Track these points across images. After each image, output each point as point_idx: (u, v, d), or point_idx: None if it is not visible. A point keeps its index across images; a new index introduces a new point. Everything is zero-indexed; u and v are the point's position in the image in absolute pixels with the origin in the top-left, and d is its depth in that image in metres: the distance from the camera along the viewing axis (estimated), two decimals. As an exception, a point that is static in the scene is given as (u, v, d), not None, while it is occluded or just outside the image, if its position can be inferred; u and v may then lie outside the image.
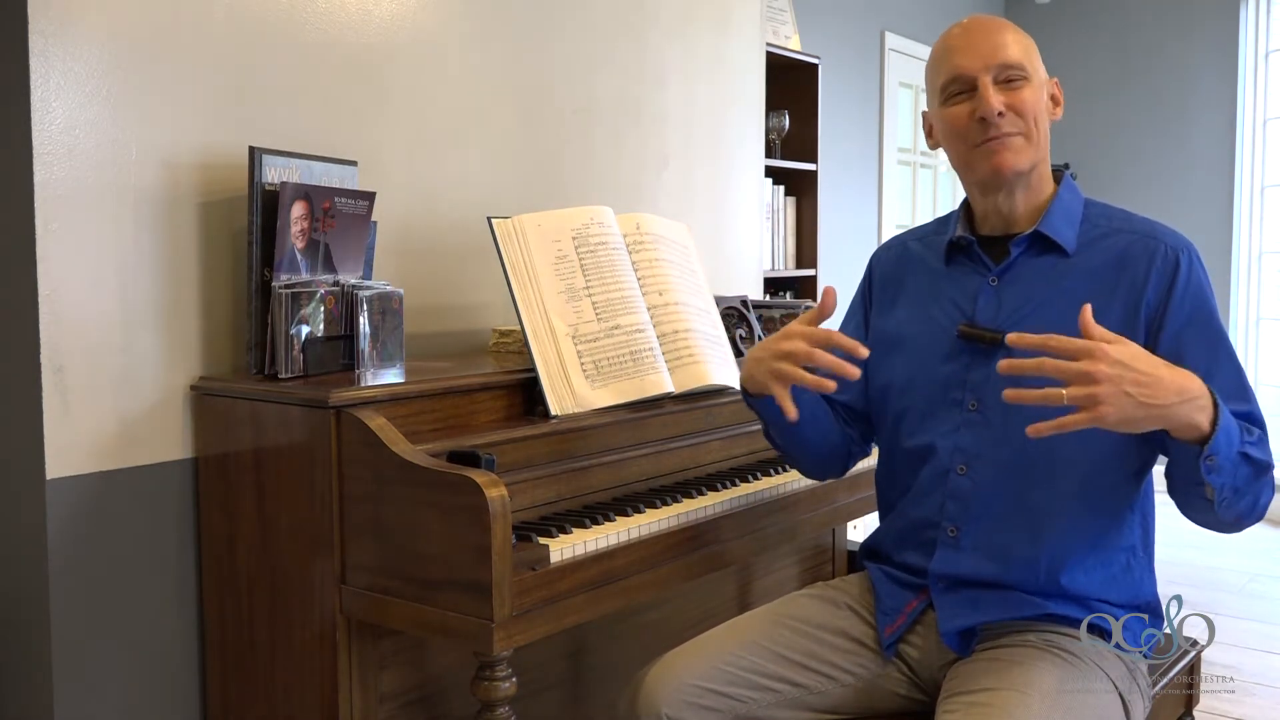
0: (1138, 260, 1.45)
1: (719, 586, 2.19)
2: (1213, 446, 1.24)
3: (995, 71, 1.46)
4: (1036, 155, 1.49)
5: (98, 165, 1.60)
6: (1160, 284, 1.43)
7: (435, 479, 1.41)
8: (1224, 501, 1.31)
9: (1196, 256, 1.46)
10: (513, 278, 1.80)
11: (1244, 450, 1.29)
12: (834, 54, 4.47)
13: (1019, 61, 1.47)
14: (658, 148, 2.58)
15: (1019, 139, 1.47)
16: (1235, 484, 1.30)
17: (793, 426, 1.58)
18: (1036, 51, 1.52)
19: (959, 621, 1.48)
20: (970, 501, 1.50)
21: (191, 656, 1.75)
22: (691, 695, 1.46)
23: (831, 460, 1.69)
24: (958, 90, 1.49)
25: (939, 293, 1.57)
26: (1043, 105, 1.49)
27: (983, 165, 1.48)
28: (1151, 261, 1.44)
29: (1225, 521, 1.36)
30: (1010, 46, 1.48)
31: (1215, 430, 1.24)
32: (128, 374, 1.64)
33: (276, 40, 1.81)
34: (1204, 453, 1.25)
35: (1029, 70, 1.48)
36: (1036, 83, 1.49)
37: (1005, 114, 1.46)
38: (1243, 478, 1.30)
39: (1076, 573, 1.46)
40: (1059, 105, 1.53)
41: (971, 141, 1.48)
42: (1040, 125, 1.49)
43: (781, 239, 3.99)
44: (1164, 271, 1.44)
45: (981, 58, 1.47)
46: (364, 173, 1.89)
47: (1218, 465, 1.26)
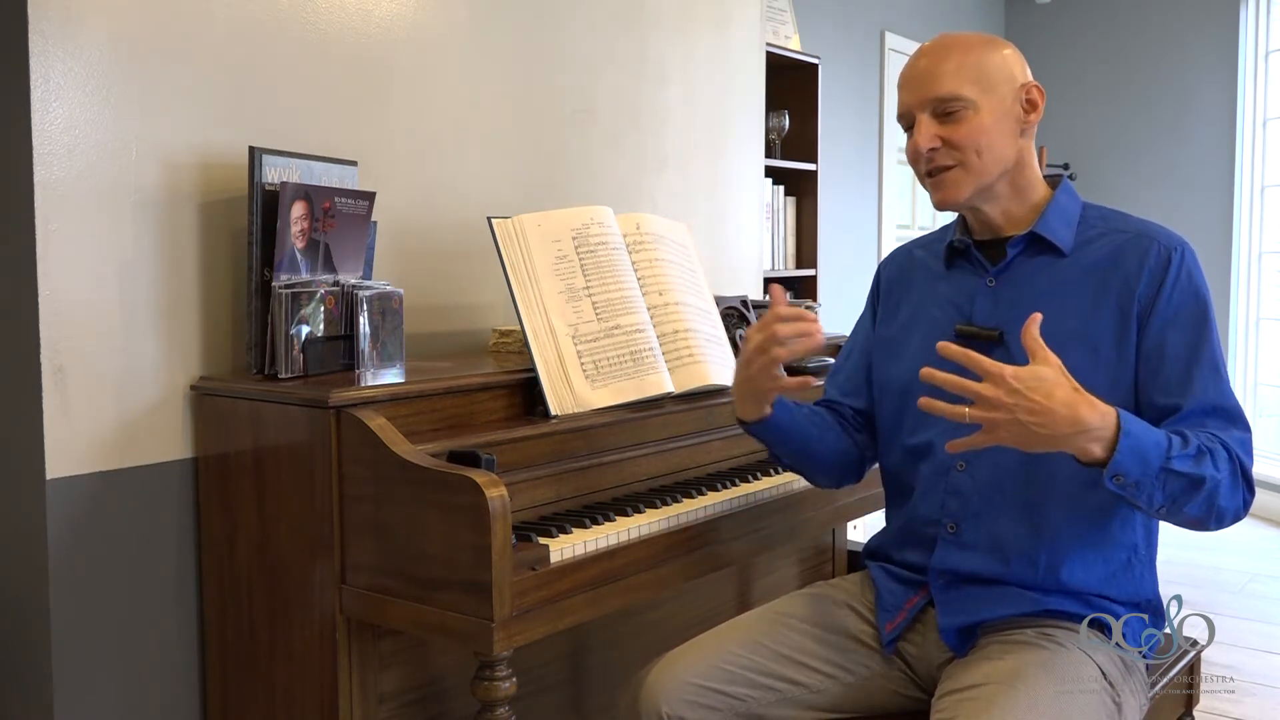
0: (1131, 258, 1.46)
1: (719, 586, 2.19)
2: (1113, 468, 1.27)
3: (932, 106, 1.48)
4: (981, 180, 1.48)
5: (98, 165, 1.60)
6: (1152, 280, 1.44)
7: (435, 479, 1.41)
8: (1163, 511, 1.33)
9: (1191, 255, 1.47)
10: (513, 278, 1.80)
11: (1169, 467, 1.29)
12: (834, 54, 4.48)
13: (955, 94, 1.46)
14: (658, 148, 2.58)
15: (955, 171, 1.48)
16: (1168, 497, 1.31)
17: (797, 447, 1.62)
18: (1000, 65, 1.48)
19: (958, 618, 1.49)
20: (970, 498, 1.51)
21: (191, 656, 1.75)
22: (691, 694, 1.47)
23: (844, 470, 1.70)
24: (906, 125, 1.54)
25: (939, 295, 1.60)
26: (996, 126, 1.47)
27: (932, 196, 1.54)
28: (1144, 259, 1.45)
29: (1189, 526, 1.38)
30: (948, 79, 1.46)
31: (1112, 457, 1.26)
32: (128, 374, 1.64)
33: (276, 40, 1.82)
34: (1105, 474, 1.28)
35: (971, 97, 1.46)
36: (986, 106, 1.46)
37: (939, 148, 1.48)
38: (1176, 490, 1.31)
39: (1076, 568, 1.47)
40: (1035, 110, 1.49)
41: (919, 173, 1.53)
42: (985, 149, 1.47)
43: (781, 239, 3.99)
44: (1156, 269, 1.45)
45: (918, 93, 1.49)
46: (364, 173, 1.89)
47: (1132, 483, 1.28)
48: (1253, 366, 5.26)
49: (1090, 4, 5.67)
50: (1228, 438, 1.37)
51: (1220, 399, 1.41)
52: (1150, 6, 5.51)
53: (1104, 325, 1.45)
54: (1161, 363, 1.43)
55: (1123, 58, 5.59)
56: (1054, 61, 5.64)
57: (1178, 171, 5.42)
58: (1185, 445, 1.32)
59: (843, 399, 1.71)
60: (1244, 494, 1.37)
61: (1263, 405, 5.22)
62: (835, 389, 1.74)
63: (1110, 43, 5.62)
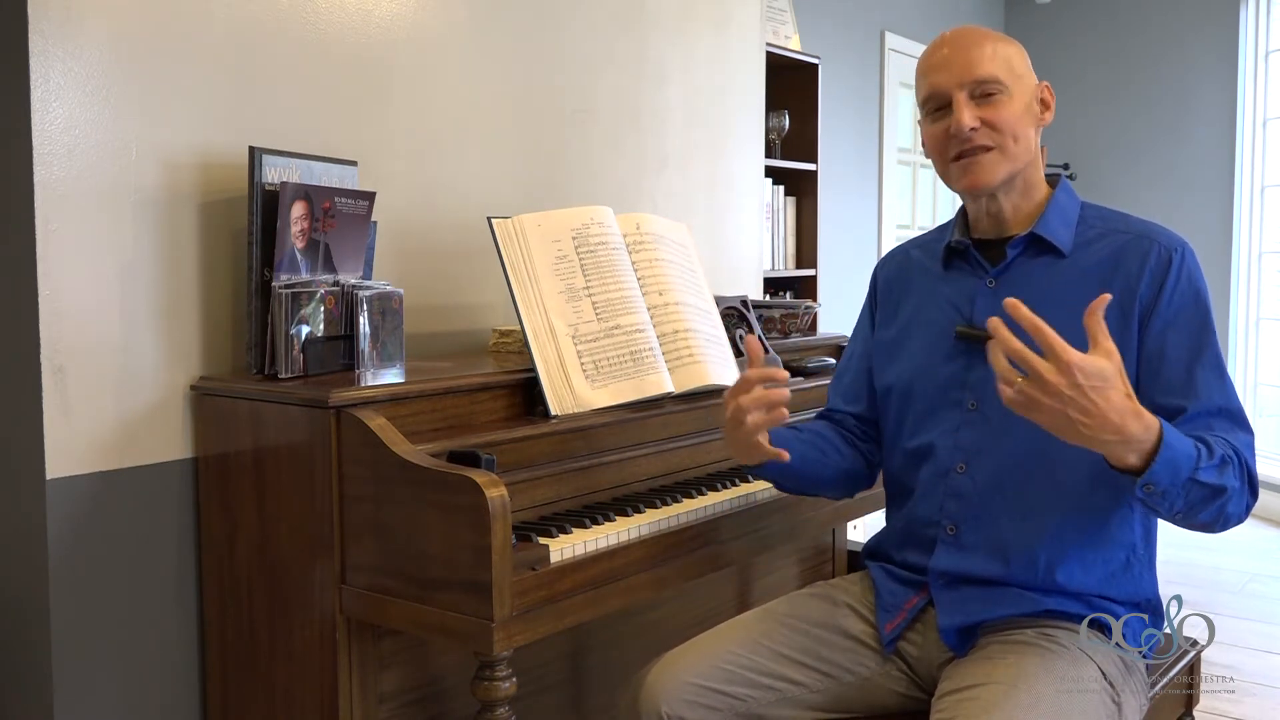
0: (1132, 259, 1.46)
1: (719, 586, 2.19)
2: (1147, 478, 1.26)
3: (970, 87, 1.48)
4: (1014, 166, 1.50)
5: (98, 165, 1.60)
6: (1153, 281, 1.45)
7: (435, 479, 1.41)
8: (1179, 516, 1.33)
9: (1191, 256, 1.47)
10: (513, 278, 1.80)
11: (1195, 477, 1.29)
12: (834, 54, 4.48)
13: (994, 76, 1.47)
14: (657, 148, 2.58)
15: (994, 153, 1.48)
16: (1187, 504, 1.31)
17: (801, 478, 1.64)
18: (1022, 59, 1.52)
19: (958, 618, 1.49)
20: (969, 500, 1.51)
21: (191, 656, 1.75)
22: (691, 694, 1.47)
23: (853, 481, 1.70)
24: (935, 106, 1.52)
25: (938, 296, 1.59)
26: (1025, 115, 1.49)
27: (959, 180, 1.51)
28: (1145, 260, 1.46)
29: (1195, 529, 1.38)
30: (986, 62, 1.48)
31: (1148, 467, 1.25)
32: (128, 374, 1.64)
33: (276, 40, 1.82)
34: (1136, 482, 1.27)
35: (1007, 83, 1.48)
36: (1018, 93, 1.49)
37: (979, 129, 1.47)
38: (1196, 498, 1.31)
39: (1075, 569, 1.47)
40: (1049, 109, 1.53)
41: (948, 157, 1.51)
42: (1020, 136, 1.49)
43: (781, 239, 3.99)
44: (1157, 269, 1.45)
45: (956, 74, 1.48)
46: (364, 173, 1.89)
47: (1159, 492, 1.28)
48: (1253, 366, 5.26)
49: (1090, 4, 5.67)
50: (1237, 443, 1.37)
51: (1225, 400, 1.41)
52: (1150, 6, 5.51)
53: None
54: (1163, 364, 1.43)
55: (1123, 58, 5.59)
56: (1054, 61, 5.64)
57: (1178, 171, 5.42)
58: (1211, 455, 1.31)
59: (846, 407, 1.72)
60: (1249, 499, 1.37)
61: (1263, 405, 5.22)
62: (838, 397, 1.74)
63: (1110, 43, 5.62)
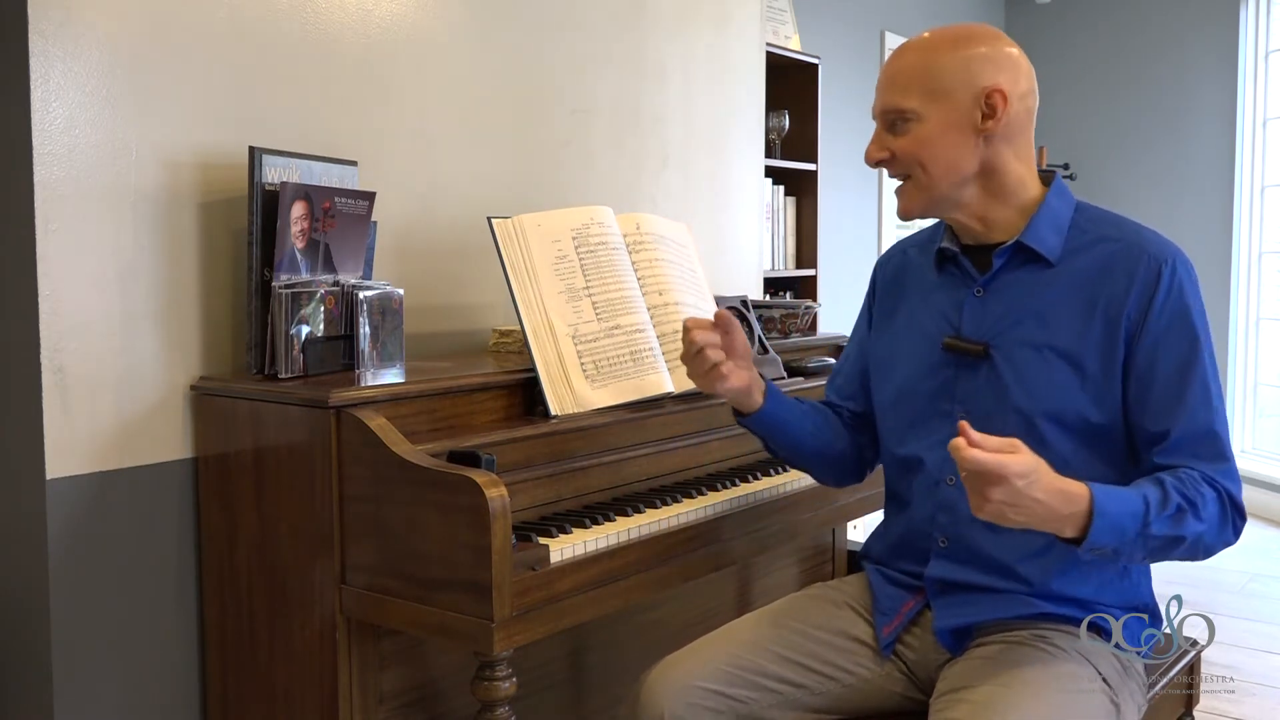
0: (1119, 272, 1.42)
1: (719, 586, 2.19)
2: (1087, 546, 1.28)
3: (883, 116, 1.47)
4: (931, 194, 1.46)
5: (98, 165, 1.60)
6: (1141, 297, 1.41)
7: (435, 479, 1.41)
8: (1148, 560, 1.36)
9: (1184, 266, 1.43)
10: (513, 278, 1.80)
11: (1147, 532, 1.29)
12: (834, 54, 4.48)
13: (897, 106, 1.44)
14: (658, 148, 2.58)
15: (909, 183, 1.48)
16: (1148, 553, 1.33)
17: (791, 440, 1.64)
18: (956, 71, 1.41)
19: (954, 620, 1.49)
20: (960, 512, 1.47)
21: (191, 656, 1.75)
22: (693, 696, 1.47)
23: (844, 467, 1.70)
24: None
25: (930, 304, 1.57)
26: (944, 136, 1.42)
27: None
28: (1134, 274, 1.41)
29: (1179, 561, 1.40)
30: (896, 90, 1.44)
31: (1084, 539, 1.28)
32: (128, 374, 1.64)
33: (276, 40, 1.82)
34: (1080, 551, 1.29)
35: (917, 108, 1.42)
36: (934, 115, 1.42)
37: (888, 159, 1.47)
38: (1155, 547, 1.32)
39: (1070, 578, 1.46)
40: (994, 117, 1.41)
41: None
42: (931, 162, 1.43)
43: (781, 239, 3.99)
44: (1145, 284, 1.41)
45: (878, 101, 1.48)
46: (364, 173, 1.89)
47: (1109, 552, 1.30)
48: (1253, 366, 5.26)
49: (1090, 4, 5.67)
50: (1215, 473, 1.36)
51: (1209, 423, 1.39)
52: (1150, 6, 5.50)
53: (1091, 342, 1.42)
54: (1151, 384, 1.40)
55: (1123, 58, 5.59)
56: (1054, 61, 5.63)
57: (1178, 171, 5.41)
58: (1164, 505, 1.31)
59: (841, 402, 1.72)
60: (1234, 526, 1.37)
61: (1263, 405, 5.21)
62: (834, 392, 1.74)
63: (1110, 43, 5.62)
